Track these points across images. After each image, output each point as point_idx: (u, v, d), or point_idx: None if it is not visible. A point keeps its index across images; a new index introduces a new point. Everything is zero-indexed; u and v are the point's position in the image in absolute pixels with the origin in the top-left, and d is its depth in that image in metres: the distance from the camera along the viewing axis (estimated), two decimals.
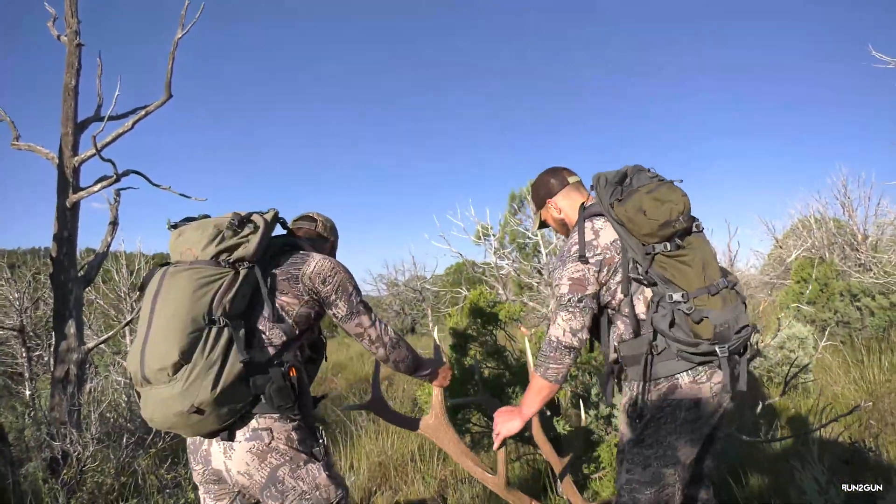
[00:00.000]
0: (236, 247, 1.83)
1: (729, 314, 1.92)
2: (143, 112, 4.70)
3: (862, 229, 10.05)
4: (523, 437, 3.60)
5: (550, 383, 2.05)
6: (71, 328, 4.41)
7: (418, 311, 13.66)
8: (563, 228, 2.33)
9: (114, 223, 4.94)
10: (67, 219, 4.49)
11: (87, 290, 4.74)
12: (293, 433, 1.86)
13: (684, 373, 1.95)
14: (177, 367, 1.65)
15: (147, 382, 1.68)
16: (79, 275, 4.58)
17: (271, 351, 1.84)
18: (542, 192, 2.32)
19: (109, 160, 4.39)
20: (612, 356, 2.13)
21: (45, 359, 6.83)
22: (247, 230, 1.88)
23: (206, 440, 1.84)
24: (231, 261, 1.82)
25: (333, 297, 1.97)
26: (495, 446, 2.25)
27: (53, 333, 4.54)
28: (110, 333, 4.74)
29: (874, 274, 8.38)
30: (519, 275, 5.27)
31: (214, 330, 1.70)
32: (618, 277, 2.02)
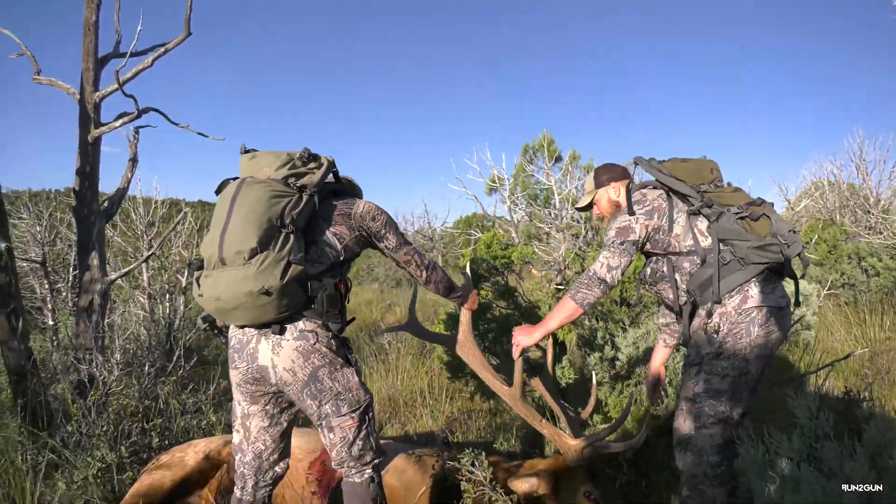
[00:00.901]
0: (303, 175, 2.13)
1: (780, 218, 2.24)
2: (162, 49, 4.70)
3: (875, 192, 10.01)
4: (532, 367, 3.74)
5: (576, 305, 2.38)
6: (94, 260, 4.55)
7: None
8: (615, 210, 2.59)
9: (133, 160, 5.02)
10: (89, 153, 4.57)
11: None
12: (332, 340, 2.12)
13: (752, 282, 2.21)
14: (252, 253, 1.90)
15: (222, 264, 1.93)
16: (101, 209, 4.69)
17: (320, 268, 2.11)
18: (610, 175, 2.61)
19: (131, 96, 4.44)
20: (682, 298, 2.39)
21: (64, 294, 7.02)
22: (313, 164, 2.18)
23: (255, 339, 2.07)
24: (297, 185, 2.09)
25: (383, 231, 2.28)
26: (514, 354, 2.56)
27: (77, 264, 4.69)
28: (132, 266, 4.88)
29: (884, 236, 8.39)
30: (531, 219, 5.35)
31: (284, 233, 1.97)
32: (667, 221, 2.34)
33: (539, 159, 7.07)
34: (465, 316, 2.79)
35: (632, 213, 2.37)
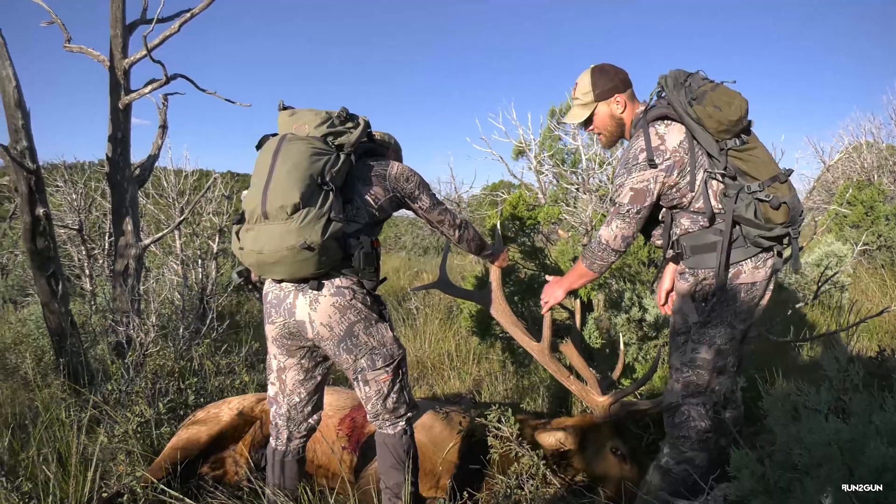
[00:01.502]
0: (341, 134, 2.14)
1: (796, 198, 2.08)
2: (188, 14, 4.72)
3: None
4: (558, 329, 3.76)
5: (593, 273, 2.34)
6: (128, 225, 4.65)
7: None
8: (616, 129, 2.34)
9: (163, 126, 5.09)
10: (120, 120, 4.64)
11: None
12: (367, 297, 2.16)
13: (749, 259, 2.15)
14: (295, 208, 1.91)
15: (265, 218, 1.95)
16: (133, 175, 4.77)
17: (356, 227, 2.13)
18: (612, 84, 2.27)
19: (159, 62, 4.47)
20: (669, 252, 2.31)
21: (100, 261, 7.21)
22: (350, 124, 2.18)
23: (292, 294, 2.12)
24: (335, 144, 2.12)
25: (417, 192, 2.28)
26: (543, 311, 2.59)
27: (112, 230, 4.80)
28: (165, 231, 4.99)
29: None
30: (559, 181, 5.30)
31: (325, 191, 1.99)
32: (688, 178, 2.12)
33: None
34: (495, 273, 2.83)
35: (652, 164, 2.09)
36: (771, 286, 2.23)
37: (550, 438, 2.68)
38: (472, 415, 2.90)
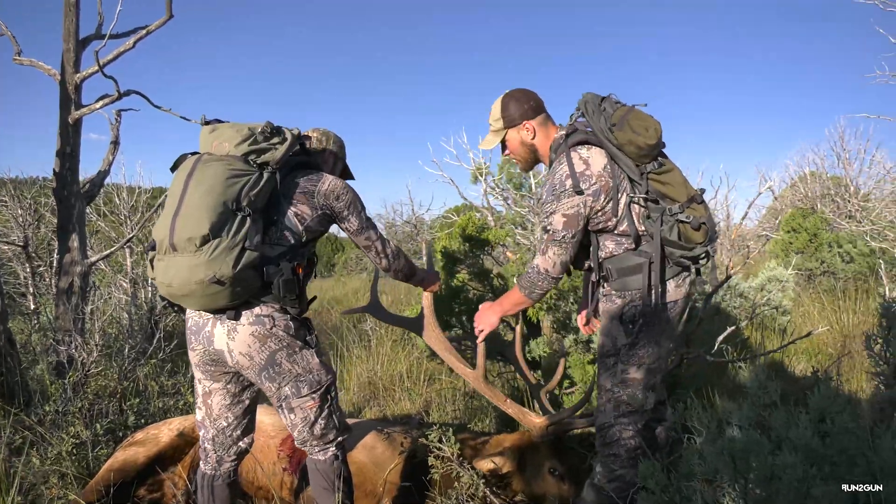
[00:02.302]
0: (265, 151, 2.02)
1: (711, 218, 2.15)
2: (143, 31, 4.69)
3: (855, 182, 10.16)
4: (504, 356, 3.79)
5: (531, 301, 2.35)
6: (74, 242, 4.56)
7: (415, 244, 13.82)
8: (529, 154, 2.35)
9: (115, 142, 5.02)
10: (70, 135, 4.57)
11: (88, 214, 4.86)
12: (290, 323, 2.08)
13: (672, 279, 2.19)
14: (204, 240, 1.81)
15: (173, 250, 1.85)
16: (81, 191, 4.69)
17: (280, 250, 2.03)
18: (520, 110, 2.26)
19: (111, 77, 4.41)
20: (594, 276, 2.33)
21: (47, 279, 7.02)
22: (276, 139, 2.06)
23: (210, 322, 2.03)
24: (258, 162, 2.00)
25: (346, 212, 2.18)
26: (478, 340, 2.55)
27: (57, 246, 4.69)
28: (113, 248, 4.90)
29: (863, 224, 8.50)
30: (512, 206, 5.38)
31: (239, 217, 1.88)
32: (612, 202, 2.14)
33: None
34: (426, 300, 2.76)
35: (580, 192, 2.08)
36: (687, 304, 2.32)
37: (488, 464, 2.70)
38: (415, 435, 2.90)
